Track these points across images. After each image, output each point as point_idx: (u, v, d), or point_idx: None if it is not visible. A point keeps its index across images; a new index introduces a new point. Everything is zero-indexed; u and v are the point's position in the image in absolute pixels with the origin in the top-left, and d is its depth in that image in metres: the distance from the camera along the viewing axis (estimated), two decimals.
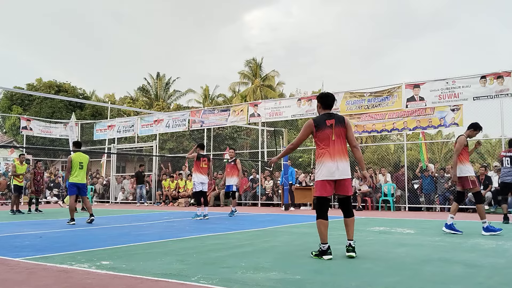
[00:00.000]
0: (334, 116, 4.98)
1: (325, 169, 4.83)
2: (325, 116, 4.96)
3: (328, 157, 4.83)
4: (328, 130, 4.87)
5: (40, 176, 14.32)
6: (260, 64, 39.72)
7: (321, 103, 5.09)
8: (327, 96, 5.10)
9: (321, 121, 4.92)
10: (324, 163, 4.85)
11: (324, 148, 4.87)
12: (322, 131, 4.88)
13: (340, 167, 4.82)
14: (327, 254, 4.80)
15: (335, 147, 4.85)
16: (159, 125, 20.36)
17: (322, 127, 4.89)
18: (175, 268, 4.32)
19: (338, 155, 4.84)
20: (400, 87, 14.61)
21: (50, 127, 22.26)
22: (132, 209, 16.30)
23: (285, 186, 14.81)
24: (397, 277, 3.95)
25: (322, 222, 4.89)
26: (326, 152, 4.85)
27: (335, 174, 4.82)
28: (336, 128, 4.89)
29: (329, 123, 4.89)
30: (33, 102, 29.66)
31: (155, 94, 40.42)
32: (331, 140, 4.86)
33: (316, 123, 4.92)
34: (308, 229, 8.31)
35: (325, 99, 5.07)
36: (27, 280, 3.82)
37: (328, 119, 4.92)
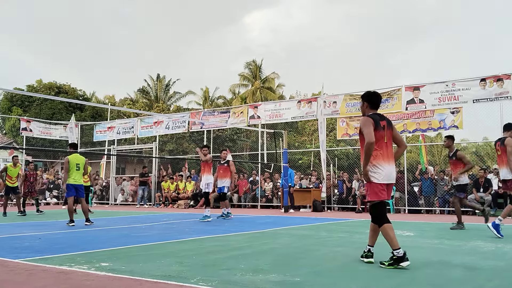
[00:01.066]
0: (385, 118, 4.77)
1: (385, 172, 4.55)
2: (377, 117, 4.69)
3: (383, 159, 4.58)
4: (382, 131, 4.62)
5: (34, 178, 14.20)
6: (260, 66, 39.76)
7: (371, 102, 4.80)
8: (376, 95, 4.83)
9: (377, 121, 4.63)
10: (381, 165, 4.56)
11: (378, 150, 4.58)
12: (377, 131, 4.58)
13: (394, 171, 4.64)
14: (405, 261, 4.35)
15: (388, 149, 4.65)
16: (159, 126, 20.36)
17: (378, 127, 4.60)
18: (175, 270, 4.32)
19: (391, 158, 4.66)
20: (400, 90, 14.63)
21: (50, 128, 22.26)
22: (132, 210, 16.29)
23: (285, 188, 14.81)
24: (396, 279, 3.95)
25: (390, 227, 4.52)
26: (380, 154, 4.58)
27: (391, 177, 4.62)
28: (388, 130, 4.69)
29: (382, 124, 4.65)
30: (33, 103, 29.65)
31: (155, 96, 40.42)
32: (383, 142, 4.62)
33: (374, 121, 4.60)
34: (308, 231, 8.30)
35: (375, 99, 4.81)
36: (27, 281, 3.82)
37: (381, 120, 4.68)
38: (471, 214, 13.04)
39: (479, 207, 9.16)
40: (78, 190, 9.90)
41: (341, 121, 15.81)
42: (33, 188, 14.23)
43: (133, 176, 21.96)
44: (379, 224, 4.59)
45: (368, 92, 4.90)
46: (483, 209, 8.78)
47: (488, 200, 12.81)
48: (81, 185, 9.97)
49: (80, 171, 9.95)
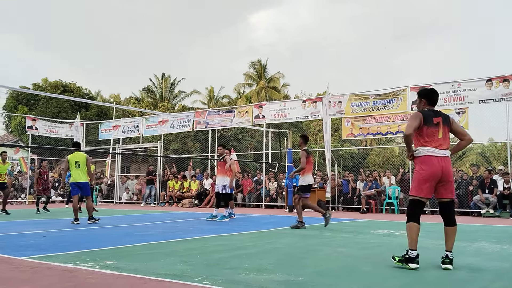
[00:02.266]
0: (441, 115, 4.66)
1: (430, 169, 4.45)
2: (431, 113, 4.61)
3: (432, 155, 4.47)
4: (434, 128, 4.53)
5: (46, 175, 14.33)
6: (265, 66, 39.74)
7: (427, 99, 4.73)
8: (434, 92, 4.80)
9: (428, 117, 4.55)
10: (427, 162, 4.47)
11: (427, 145, 4.51)
12: (428, 127, 4.52)
13: (445, 167, 4.49)
14: (414, 263, 4.38)
15: (442, 145, 4.53)
16: (163, 125, 20.40)
17: (429, 123, 4.53)
18: (179, 268, 4.33)
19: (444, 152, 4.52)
20: (405, 90, 14.59)
21: (55, 127, 22.36)
22: (137, 209, 16.34)
23: (289, 188, 14.80)
24: (400, 280, 3.94)
25: (415, 226, 4.49)
26: (429, 148, 4.50)
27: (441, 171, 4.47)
28: (444, 127, 4.58)
29: (436, 121, 4.55)
30: (38, 102, 29.78)
31: (160, 95, 40.50)
32: (437, 138, 4.52)
33: (424, 117, 4.55)
34: (312, 231, 8.30)
35: (432, 95, 4.75)
36: (32, 279, 3.84)
37: (435, 116, 4.59)
38: (476, 215, 12.99)
39: (322, 210, 8.95)
40: (82, 188, 9.78)
41: (346, 121, 15.79)
42: (47, 186, 14.31)
43: (138, 175, 22.03)
44: (407, 220, 4.57)
45: (425, 90, 4.86)
46: (324, 212, 8.75)
47: (493, 201, 12.75)
48: (84, 183, 9.75)
49: (81, 169, 9.74)
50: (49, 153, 26.99)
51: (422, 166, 4.50)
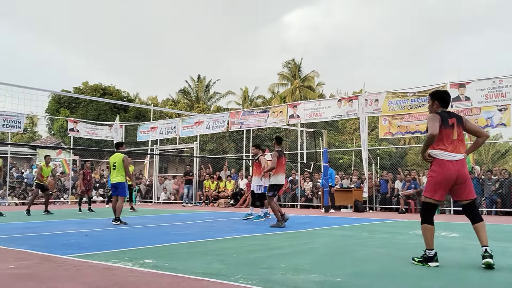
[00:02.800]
0: (455, 115, 4.71)
1: (444, 172, 4.49)
2: (446, 114, 4.65)
3: (448, 159, 4.49)
4: (449, 129, 4.56)
5: (90, 176, 14.72)
6: (299, 65, 39.56)
7: (440, 101, 4.77)
8: (447, 94, 4.87)
9: (445, 118, 4.58)
10: (443, 165, 4.50)
11: (443, 147, 4.52)
12: (445, 128, 4.53)
13: (460, 171, 4.50)
14: (433, 261, 4.50)
15: (457, 147, 4.55)
16: (199, 126, 20.64)
17: (445, 124, 4.55)
18: (216, 267, 4.38)
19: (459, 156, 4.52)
20: (445, 87, 14.19)
21: (95, 129, 22.97)
22: (174, 209, 16.59)
23: (325, 187, 14.68)
24: (439, 282, 3.85)
25: (429, 227, 4.60)
26: (445, 151, 4.51)
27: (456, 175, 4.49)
28: (458, 127, 4.62)
29: (451, 122, 4.60)
30: (79, 105, 30.70)
31: (196, 96, 41.00)
32: (452, 139, 4.55)
33: (441, 118, 4.56)
34: (349, 231, 8.21)
35: (445, 97, 4.80)
36: (74, 277, 3.97)
37: (450, 117, 4.63)
38: None
39: (279, 216, 8.99)
40: (118, 189, 9.88)
41: (383, 119, 15.52)
42: (90, 186, 14.72)
43: (175, 175, 22.37)
44: (421, 222, 4.67)
45: (438, 91, 4.93)
46: (281, 220, 8.93)
47: None
48: (119, 183, 9.80)
49: (117, 170, 9.85)
50: (90, 154, 27.79)
51: (437, 169, 4.53)
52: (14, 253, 5.38)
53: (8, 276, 4.01)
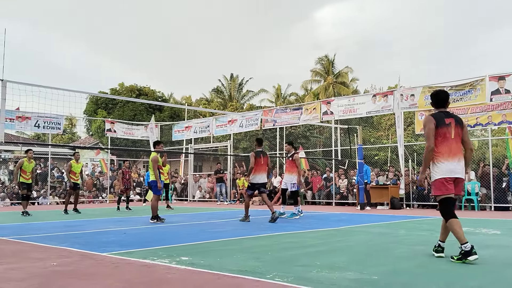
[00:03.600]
0: (453, 115, 4.84)
1: (445, 167, 4.65)
2: (443, 114, 4.79)
3: (447, 155, 4.66)
4: (446, 128, 4.70)
5: (129, 175, 14.98)
6: (332, 61, 39.18)
7: (433, 101, 4.95)
8: (437, 93, 4.95)
9: (440, 118, 4.74)
10: (443, 161, 4.67)
11: (443, 146, 4.69)
12: (441, 128, 4.70)
13: (460, 166, 4.67)
14: (472, 255, 4.41)
15: (454, 145, 4.70)
16: (233, 125, 20.76)
17: (441, 124, 4.71)
18: (251, 265, 4.39)
19: (456, 154, 4.69)
20: (483, 80, 13.75)
21: (132, 129, 23.45)
22: (209, 207, 16.76)
23: (360, 185, 14.49)
24: (479, 280, 3.74)
25: (455, 222, 4.58)
26: (445, 150, 4.68)
27: (456, 172, 4.66)
28: (456, 127, 4.74)
29: (447, 121, 4.73)
30: (116, 106, 31.43)
31: (229, 95, 41.27)
32: (450, 138, 4.69)
33: (436, 119, 4.73)
34: (385, 229, 8.07)
35: (437, 97, 4.93)
36: (113, 274, 4.07)
37: (447, 117, 4.76)
38: None
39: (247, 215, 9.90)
40: (151, 187, 10.20)
41: (420, 114, 15.17)
42: (129, 185, 15.00)
43: (210, 174, 22.58)
44: (446, 219, 4.67)
45: (432, 92, 5.08)
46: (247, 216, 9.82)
47: None
48: (150, 181, 10.10)
49: (150, 168, 10.15)
50: (127, 154, 28.41)
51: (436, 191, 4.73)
52: (56, 251, 5.56)
53: (51, 273, 4.15)
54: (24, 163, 12.59)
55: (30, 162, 12.71)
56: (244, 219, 9.85)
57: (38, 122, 18.64)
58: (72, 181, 13.45)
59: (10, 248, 5.93)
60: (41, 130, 19.77)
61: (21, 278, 3.93)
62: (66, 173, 13.81)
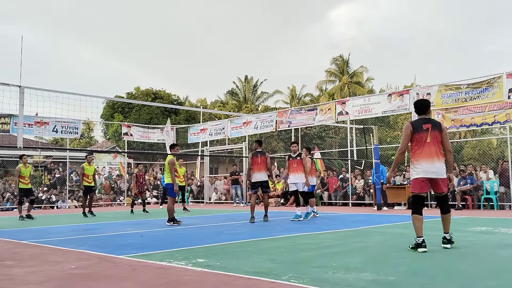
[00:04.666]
0: (431, 121, 5.44)
1: (421, 168, 5.29)
2: (421, 121, 5.43)
3: (422, 157, 5.29)
4: (423, 133, 5.31)
5: (143, 178, 15.06)
6: (347, 61, 38.97)
7: (415, 109, 5.62)
8: (417, 103, 5.62)
9: (418, 125, 5.38)
10: (419, 163, 5.32)
11: (417, 150, 5.33)
12: (418, 133, 5.32)
13: (435, 167, 5.25)
14: (421, 247, 5.14)
15: (430, 148, 5.28)
16: (247, 127, 20.79)
17: (418, 130, 5.34)
18: (267, 266, 4.39)
19: (433, 156, 5.26)
20: (501, 77, 13.53)
21: (148, 132, 23.67)
22: (225, 208, 16.80)
23: (377, 185, 14.37)
24: (498, 280, 3.69)
25: (417, 217, 5.32)
26: (418, 153, 5.32)
27: (430, 173, 5.26)
28: (433, 131, 5.32)
29: (425, 127, 5.34)
30: (132, 110, 31.71)
31: (244, 97, 41.33)
32: (426, 142, 5.29)
33: (413, 126, 5.39)
34: (402, 229, 7.99)
35: (417, 106, 5.59)
36: (130, 276, 4.11)
37: (425, 123, 5.38)
38: None
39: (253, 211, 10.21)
40: (167, 190, 10.32)
41: (436, 113, 14.99)
42: (143, 188, 15.06)
43: (226, 176, 22.65)
44: (412, 213, 5.40)
45: (414, 102, 5.76)
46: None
47: None
48: (167, 184, 10.21)
49: (166, 171, 10.25)
50: (144, 157, 28.63)
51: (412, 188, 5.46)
52: (75, 254, 5.63)
53: (70, 276, 4.21)
54: (21, 169, 12.73)
55: (26, 167, 12.86)
56: (250, 219, 10.02)
57: (56, 127, 18.93)
58: (86, 184, 13.49)
59: (29, 251, 6.03)
60: (59, 135, 20.06)
61: (39, 281, 3.99)
62: (80, 176, 13.86)
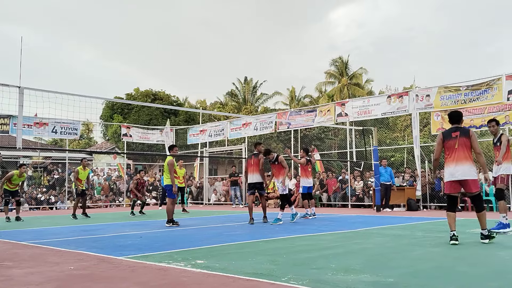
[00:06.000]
0: (460, 129, 6.15)
1: (448, 172, 6.09)
2: (452, 130, 6.20)
3: (450, 162, 6.05)
4: (452, 140, 6.08)
5: (142, 186, 15.01)
6: (346, 62, 39.01)
7: (449, 119, 6.35)
8: (451, 114, 6.34)
9: (448, 134, 6.19)
10: (447, 167, 6.11)
11: (447, 156, 6.11)
12: (448, 141, 6.13)
13: (460, 170, 5.95)
14: (452, 240, 5.89)
15: (458, 153, 6.00)
16: (247, 128, 20.79)
17: (448, 138, 6.14)
18: (266, 268, 4.39)
19: (460, 160, 5.97)
20: (500, 79, 13.55)
21: (147, 133, 23.65)
22: (224, 210, 16.79)
23: (376, 186, 14.37)
24: (498, 282, 3.68)
25: (449, 214, 6.07)
26: (448, 158, 6.09)
27: (455, 176, 5.99)
28: (461, 138, 6.04)
29: (454, 135, 6.10)
30: (132, 111, 31.69)
31: (243, 98, 41.35)
32: (454, 148, 6.03)
33: (443, 135, 6.24)
34: (402, 231, 7.99)
35: (451, 116, 6.32)
36: (129, 277, 4.11)
37: (454, 131, 6.14)
38: None
39: None
40: (166, 191, 10.32)
41: (436, 115, 15.01)
42: (142, 192, 15.03)
43: (225, 177, 22.66)
44: (446, 210, 6.20)
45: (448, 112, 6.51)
46: None
47: None
48: (165, 185, 10.28)
49: (165, 172, 10.29)
50: (143, 158, 28.63)
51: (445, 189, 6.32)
52: (74, 255, 5.63)
53: (69, 277, 4.21)
54: (14, 176, 12.88)
55: (21, 176, 13.00)
56: (249, 221, 10.12)
57: (56, 128, 18.92)
58: (81, 188, 13.51)
59: (28, 252, 6.02)
60: (59, 135, 20.04)
61: (38, 282, 3.98)
62: (74, 180, 13.78)
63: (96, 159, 25.37)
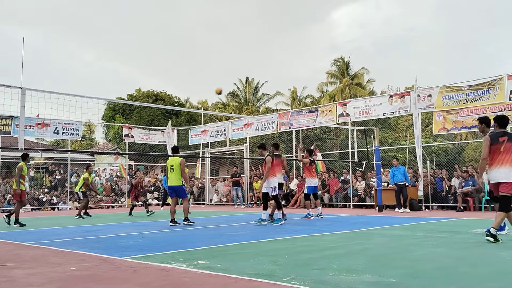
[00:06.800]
0: (507, 134, 6.30)
1: (491, 175, 6.28)
2: (499, 134, 6.32)
3: (494, 165, 6.25)
4: (499, 145, 6.22)
5: (140, 185, 15.44)
6: (348, 62, 38.99)
7: (497, 123, 6.44)
8: (498, 118, 6.47)
9: (495, 138, 6.30)
10: (490, 170, 6.32)
11: (493, 159, 6.26)
12: (494, 145, 6.26)
13: (498, 172, 6.19)
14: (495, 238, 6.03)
15: (501, 157, 6.19)
16: (249, 128, 20.79)
17: (495, 142, 6.26)
18: (268, 268, 4.39)
19: (504, 164, 6.16)
20: (502, 79, 13.52)
21: (149, 134, 23.66)
22: (226, 210, 16.79)
23: (378, 186, 14.35)
24: (499, 282, 3.68)
25: (500, 214, 6.18)
26: (492, 161, 6.26)
27: (493, 178, 6.27)
28: (507, 143, 6.19)
29: (501, 139, 6.24)
30: (133, 111, 31.71)
31: (245, 99, 41.35)
32: (499, 152, 6.21)
33: (491, 138, 6.32)
34: (404, 231, 7.98)
35: (497, 120, 6.45)
36: (131, 278, 4.11)
37: (501, 136, 6.29)
38: None
39: None
40: (176, 191, 10.19)
41: (437, 115, 14.99)
42: (140, 193, 15.34)
43: (226, 177, 22.67)
44: None
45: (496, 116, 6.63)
46: None
47: None
48: (176, 186, 10.08)
49: (174, 172, 10.08)
50: (145, 159, 28.64)
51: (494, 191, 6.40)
52: (76, 255, 5.64)
53: (71, 277, 4.21)
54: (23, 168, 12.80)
55: None
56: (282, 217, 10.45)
57: (57, 129, 18.95)
58: (83, 190, 14.43)
59: (30, 253, 6.03)
60: (60, 136, 20.08)
61: (40, 283, 3.99)
62: (84, 185, 14.37)
63: (98, 160, 25.41)
